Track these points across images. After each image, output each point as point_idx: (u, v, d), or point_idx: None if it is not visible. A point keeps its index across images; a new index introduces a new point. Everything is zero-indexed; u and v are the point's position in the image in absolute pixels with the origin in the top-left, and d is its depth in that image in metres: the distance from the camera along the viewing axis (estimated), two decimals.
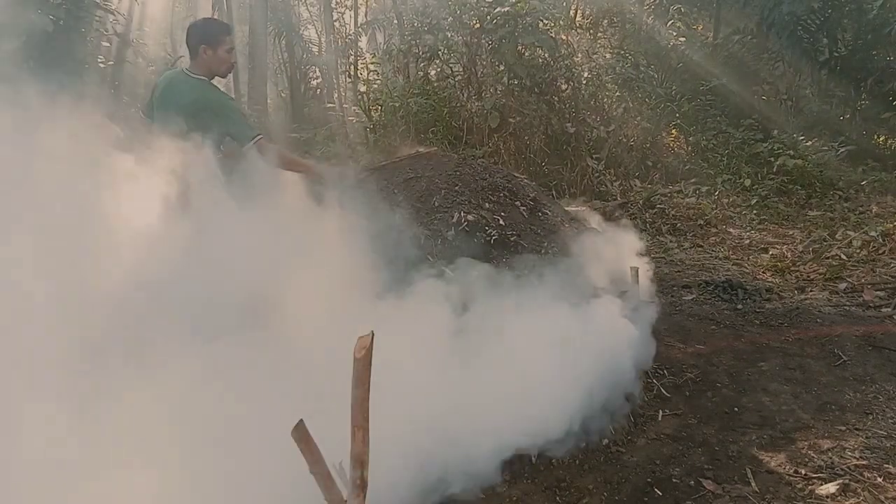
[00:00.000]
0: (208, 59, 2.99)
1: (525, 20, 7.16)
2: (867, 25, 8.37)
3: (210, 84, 3.04)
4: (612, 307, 2.84)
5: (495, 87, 7.78)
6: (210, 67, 3.03)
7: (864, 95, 8.86)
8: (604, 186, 7.43)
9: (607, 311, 2.79)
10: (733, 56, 9.47)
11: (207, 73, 3.05)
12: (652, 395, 2.93)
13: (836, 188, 7.31)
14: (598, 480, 2.31)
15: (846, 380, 3.07)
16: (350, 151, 7.72)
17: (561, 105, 7.87)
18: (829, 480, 2.23)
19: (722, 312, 4.04)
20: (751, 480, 2.27)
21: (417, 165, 3.92)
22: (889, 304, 4.11)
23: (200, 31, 3.02)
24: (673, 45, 9.20)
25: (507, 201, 3.64)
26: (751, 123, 8.52)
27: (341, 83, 11.45)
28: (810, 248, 5.49)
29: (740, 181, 7.59)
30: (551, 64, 7.74)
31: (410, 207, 3.48)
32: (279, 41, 12.02)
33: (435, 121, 7.55)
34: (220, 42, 2.98)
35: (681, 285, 4.64)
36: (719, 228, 6.47)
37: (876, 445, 2.45)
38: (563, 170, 7.49)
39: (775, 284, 4.70)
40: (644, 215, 6.70)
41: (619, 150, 7.99)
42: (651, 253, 5.49)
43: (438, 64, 8.13)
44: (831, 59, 8.74)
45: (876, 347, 3.43)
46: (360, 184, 3.24)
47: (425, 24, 7.93)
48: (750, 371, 3.18)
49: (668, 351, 3.36)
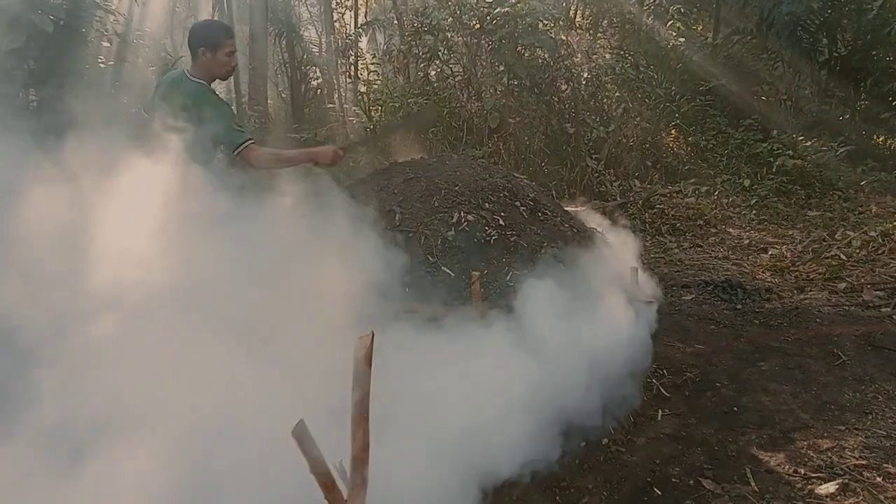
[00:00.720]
0: (207, 61, 2.98)
1: (525, 21, 7.18)
2: (867, 25, 8.38)
3: (206, 88, 3.02)
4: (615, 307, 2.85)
5: (495, 88, 7.79)
6: (209, 70, 3.02)
7: (864, 95, 8.87)
8: (603, 186, 7.43)
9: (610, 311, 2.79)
10: (733, 56, 9.48)
11: (207, 76, 3.03)
12: (652, 395, 2.94)
13: (835, 188, 7.33)
14: (598, 480, 2.31)
15: (845, 380, 3.08)
16: (350, 151, 7.72)
17: (560, 105, 7.88)
18: (829, 480, 2.23)
19: (721, 312, 4.04)
20: (750, 480, 2.28)
21: (417, 166, 3.93)
22: (888, 304, 4.11)
23: (200, 33, 3.00)
24: (673, 46, 9.20)
25: (507, 201, 3.64)
26: (750, 124, 8.53)
27: (341, 83, 11.45)
28: (810, 248, 5.50)
29: (740, 181, 7.60)
30: (551, 64, 7.75)
31: (410, 207, 3.48)
32: (279, 41, 12.02)
33: (435, 121, 7.56)
34: (219, 45, 2.96)
35: (680, 285, 4.65)
36: (719, 228, 6.48)
37: (875, 445, 2.46)
38: (562, 170, 7.50)
39: (775, 284, 4.70)
40: (643, 215, 6.70)
41: (619, 151, 8.00)
42: (650, 253, 5.51)
43: (438, 64, 8.14)
44: (831, 59, 8.76)
45: (875, 347, 3.43)
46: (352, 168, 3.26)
47: (425, 25, 7.93)
48: (749, 371, 3.18)
49: (667, 351, 3.36)
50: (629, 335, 2.76)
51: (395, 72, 8.88)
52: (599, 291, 2.85)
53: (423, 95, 7.76)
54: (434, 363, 2.18)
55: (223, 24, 3.16)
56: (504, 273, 3.00)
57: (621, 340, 2.70)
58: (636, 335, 2.82)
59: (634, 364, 2.79)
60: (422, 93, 7.84)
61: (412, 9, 8.96)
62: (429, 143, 7.36)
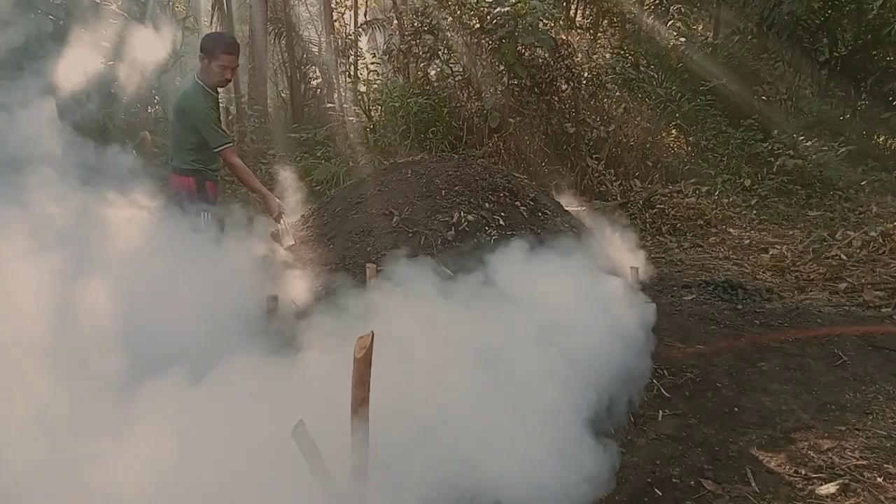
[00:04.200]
0: (204, 67, 3.28)
1: (525, 20, 7.16)
2: (867, 25, 8.38)
3: (202, 92, 3.31)
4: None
5: (495, 88, 7.77)
6: (206, 76, 3.31)
7: (864, 95, 8.87)
8: (604, 186, 7.43)
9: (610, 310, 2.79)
10: (733, 56, 9.48)
11: (207, 81, 3.32)
12: (652, 395, 2.93)
13: (836, 188, 7.32)
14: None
15: (846, 380, 3.07)
16: (350, 151, 7.72)
17: (561, 105, 7.87)
18: (830, 480, 2.23)
19: (722, 312, 4.03)
20: (751, 480, 2.27)
21: (417, 166, 3.93)
22: (889, 304, 4.10)
23: (204, 41, 3.34)
24: (673, 46, 9.19)
25: (507, 201, 3.64)
26: (751, 123, 8.53)
27: (341, 83, 11.45)
28: (810, 248, 5.49)
29: (740, 181, 7.60)
30: (551, 64, 7.73)
31: (411, 207, 3.48)
32: (279, 41, 12.02)
33: (435, 121, 7.55)
34: (214, 56, 3.24)
35: (681, 285, 4.64)
36: (719, 228, 6.48)
37: (876, 445, 2.45)
38: (563, 170, 7.49)
39: (775, 284, 4.70)
40: (644, 215, 6.70)
41: (619, 150, 7.99)
42: (651, 253, 5.50)
43: (438, 64, 8.12)
44: (831, 59, 8.75)
45: (876, 347, 3.42)
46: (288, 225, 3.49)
47: (425, 24, 7.92)
48: (750, 371, 3.17)
49: (668, 351, 3.35)
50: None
51: (394, 71, 8.86)
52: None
53: (423, 95, 7.75)
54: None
55: (228, 39, 3.47)
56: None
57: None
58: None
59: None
60: (422, 92, 7.83)
61: (412, 8, 8.95)
62: (429, 143, 7.36)
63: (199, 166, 3.38)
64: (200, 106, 3.26)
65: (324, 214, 3.97)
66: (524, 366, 2.26)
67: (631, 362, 2.76)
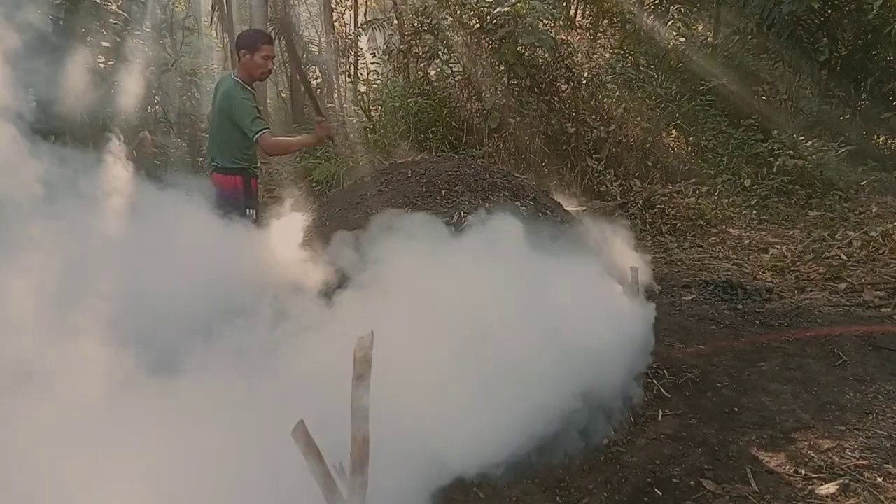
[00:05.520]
0: (246, 63, 3.43)
1: (525, 20, 7.16)
2: (867, 25, 8.37)
3: (239, 86, 3.44)
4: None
5: (495, 88, 7.77)
6: (248, 71, 3.45)
7: (864, 95, 8.86)
8: (604, 186, 7.43)
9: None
10: (733, 56, 9.47)
11: (247, 77, 3.46)
12: (652, 395, 2.93)
13: (836, 188, 7.31)
14: (598, 480, 2.31)
15: (846, 380, 3.07)
16: (350, 151, 7.72)
17: (561, 105, 7.87)
18: (830, 480, 2.23)
19: (722, 312, 4.03)
20: (751, 480, 2.27)
21: (417, 166, 3.93)
22: (889, 304, 4.10)
23: (242, 37, 3.51)
24: (673, 45, 9.19)
25: (507, 201, 3.64)
26: (751, 123, 8.52)
27: (341, 83, 11.45)
28: (810, 248, 5.49)
29: (740, 181, 7.59)
30: (551, 64, 7.73)
31: (411, 207, 3.48)
32: (279, 41, 12.02)
33: (435, 121, 7.55)
34: (256, 49, 3.40)
35: (681, 285, 4.64)
36: (719, 228, 6.48)
37: (876, 445, 2.45)
38: (563, 170, 7.49)
39: (775, 284, 4.69)
40: (644, 215, 6.70)
41: (619, 150, 7.99)
42: (651, 253, 5.50)
43: (438, 64, 8.12)
44: (831, 59, 8.74)
45: (876, 347, 3.42)
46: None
47: (425, 24, 7.93)
48: (750, 371, 3.17)
49: (668, 351, 3.35)
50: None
51: (394, 71, 8.86)
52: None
53: (423, 95, 7.75)
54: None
55: (263, 31, 3.58)
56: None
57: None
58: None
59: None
60: (422, 92, 7.82)
61: (412, 8, 8.95)
62: (429, 143, 7.36)
63: (245, 164, 3.51)
64: (238, 97, 3.39)
65: (323, 214, 3.97)
66: (523, 366, 2.27)
67: (631, 362, 2.76)
